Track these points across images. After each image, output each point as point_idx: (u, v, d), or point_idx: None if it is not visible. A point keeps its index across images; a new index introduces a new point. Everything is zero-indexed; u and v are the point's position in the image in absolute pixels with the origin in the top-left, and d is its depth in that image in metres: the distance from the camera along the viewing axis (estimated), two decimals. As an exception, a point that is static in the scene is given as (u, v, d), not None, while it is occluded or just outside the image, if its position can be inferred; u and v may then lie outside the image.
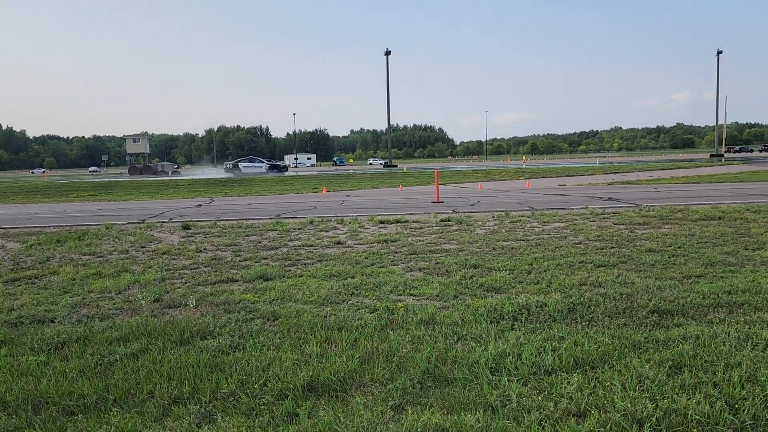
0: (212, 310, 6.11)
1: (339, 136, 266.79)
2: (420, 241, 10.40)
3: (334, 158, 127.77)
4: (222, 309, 6.15)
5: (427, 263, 8.30)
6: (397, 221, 13.32)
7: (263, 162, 70.71)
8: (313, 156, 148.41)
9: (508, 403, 3.67)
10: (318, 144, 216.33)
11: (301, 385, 4.04)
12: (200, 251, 9.98)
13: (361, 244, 10.27)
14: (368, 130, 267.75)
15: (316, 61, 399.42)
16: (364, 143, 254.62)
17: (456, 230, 11.61)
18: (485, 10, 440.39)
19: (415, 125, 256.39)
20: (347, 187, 31.38)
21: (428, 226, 12.34)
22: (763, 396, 3.58)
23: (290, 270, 8.16)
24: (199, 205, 21.36)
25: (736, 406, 3.47)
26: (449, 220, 12.96)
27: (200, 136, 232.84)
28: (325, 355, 4.62)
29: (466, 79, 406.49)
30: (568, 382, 3.91)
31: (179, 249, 10.24)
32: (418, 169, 63.99)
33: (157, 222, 15.16)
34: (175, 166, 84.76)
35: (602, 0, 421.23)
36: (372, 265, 8.32)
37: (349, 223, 13.30)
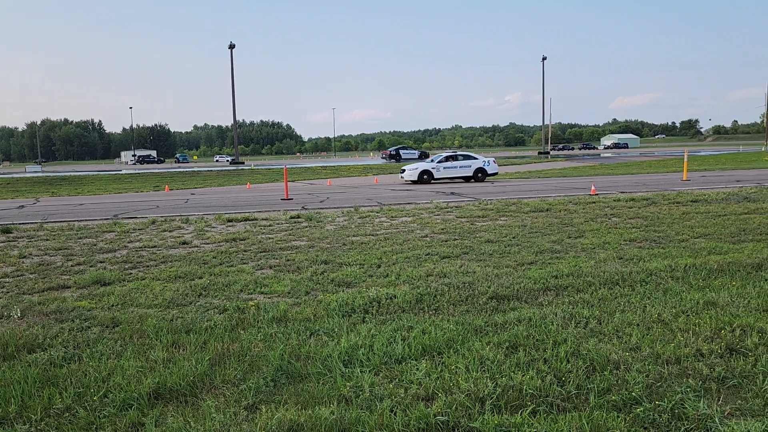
0: (41, 320, 5.57)
1: (182, 132, 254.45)
2: (270, 238, 10.27)
3: (177, 155, 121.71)
4: (53, 318, 5.63)
5: (277, 260, 8.22)
6: (246, 219, 13.03)
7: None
8: (154, 152, 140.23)
9: (361, 393, 3.75)
10: (158, 140, 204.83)
11: (147, 393, 3.83)
12: (24, 257, 9.03)
13: (208, 244, 9.91)
14: (213, 126, 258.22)
15: (154, 53, 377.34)
16: (209, 139, 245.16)
17: (306, 227, 11.61)
18: (334, 8, 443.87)
19: (262, 121, 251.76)
20: (192, 185, 30.09)
21: (278, 224, 12.21)
22: (585, 368, 4.00)
23: (131, 273, 7.66)
24: (22, 207, 19.33)
25: (563, 379, 3.84)
26: (299, 217, 12.93)
27: (20, 130, 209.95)
28: (173, 360, 4.40)
29: (315, 76, 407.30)
30: (417, 368, 4.09)
31: (-1, 255, 9.19)
32: (266, 166, 62.97)
33: (-30, 225, 13.46)
34: None
35: (443, 8, 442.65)
36: (220, 264, 8.07)
37: (195, 222, 12.77)
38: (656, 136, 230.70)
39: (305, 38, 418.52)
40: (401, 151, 70.90)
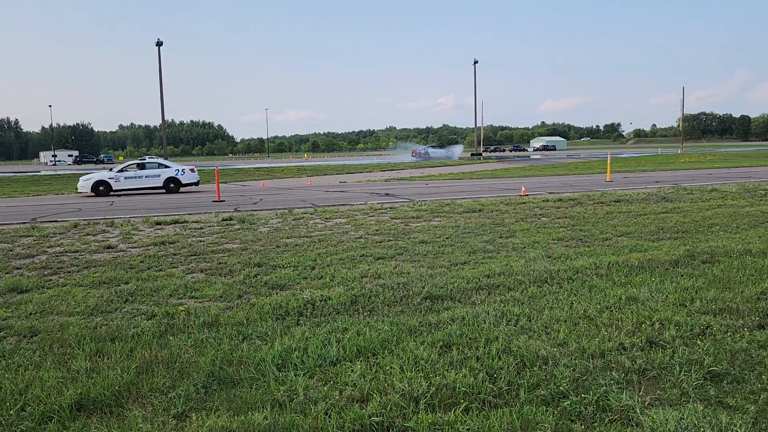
0: (-50, 332, 5.21)
1: (106, 132, 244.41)
2: (201, 241, 10.02)
3: (102, 156, 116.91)
4: (-36, 329, 5.28)
5: (209, 264, 8.02)
6: (176, 222, 12.67)
7: None
8: (75, 153, 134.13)
9: (295, 397, 3.71)
10: (81, 140, 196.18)
11: (69, 405, 3.65)
12: (-68, 263, 8.45)
13: (135, 248, 9.57)
14: (140, 126, 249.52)
15: (76, 47, 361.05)
16: (136, 139, 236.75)
17: (239, 229, 11.40)
18: (266, 7, 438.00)
19: (192, 121, 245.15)
20: (118, 187, 28.90)
21: (209, 226, 11.93)
22: (516, 364, 4.10)
23: (51, 280, 7.30)
24: (-70, 210, 18.08)
25: (495, 376, 3.92)
26: (231, 219, 12.68)
27: None
28: (96, 369, 4.22)
29: (247, 76, 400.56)
30: (352, 370, 4.08)
31: None
32: (197, 168, 61.49)
33: None
34: None
35: (377, 9, 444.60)
36: (148, 269, 7.80)
37: (121, 225, 12.30)
38: (582, 139, 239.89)
39: (237, 37, 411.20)
40: (430, 150, 73.95)
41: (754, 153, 60.82)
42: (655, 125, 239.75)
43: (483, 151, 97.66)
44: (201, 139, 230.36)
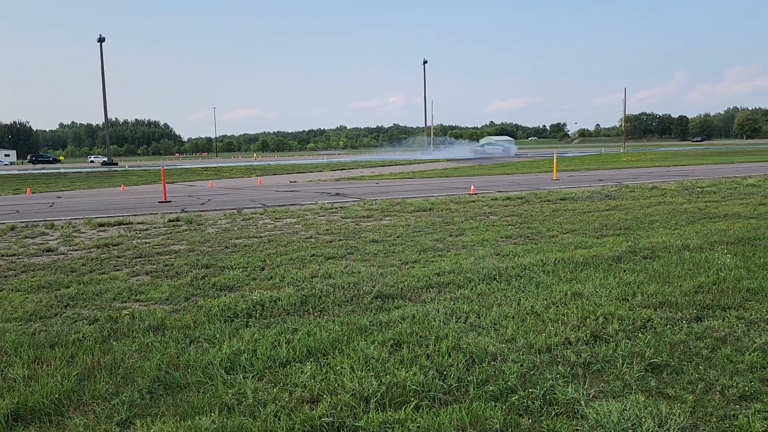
0: None
1: (46, 131, 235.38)
2: (146, 243, 9.75)
3: (42, 154, 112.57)
4: None
5: (154, 266, 7.82)
6: (120, 223, 12.30)
7: None
8: (13, 153, 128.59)
9: (244, 400, 3.65)
10: (18, 138, 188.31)
11: (4, 415, 3.49)
12: None
13: (76, 250, 9.24)
14: (82, 125, 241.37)
15: (12, 41, 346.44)
16: (78, 138, 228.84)
17: (186, 230, 11.15)
18: (214, 3, 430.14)
19: (137, 120, 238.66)
20: (58, 188, 27.94)
21: (155, 227, 11.63)
22: (465, 361, 4.14)
23: (-14, 284, 6.97)
24: None
25: (445, 373, 3.96)
26: (178, 220, 12.39)
27: None
28: (35, 377, 4.05)
29: (194, 74, 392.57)
30: (302, 371, 4.04)
31: None
32: (142, 167, 59.90)
33: None
34: None
35: (328, 7, 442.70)
36: (91, 272, 7.54)
37: (62, 227, 11.86)
38: (529, 138, 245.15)
39: (184, 33, 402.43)
40: (486, 147, 76.25)
41: (692, 152, 63.37)
42: (599, 125, 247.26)
43: (434, 150, 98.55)
44: (147, 139, 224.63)
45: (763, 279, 6.08)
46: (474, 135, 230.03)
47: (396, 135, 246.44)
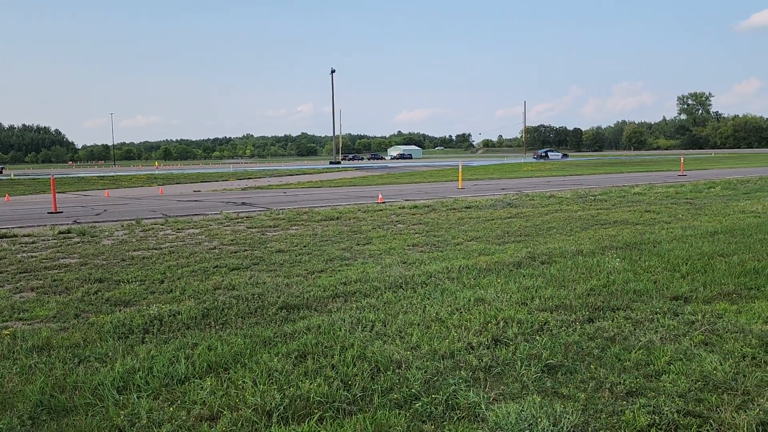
0: None
1: None
2: (33, 257, 9.10)
3: None
4: None
5: (41, 281, 7.30)
6: (4, 236, 11.41)
7: None
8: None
9: (137, 421, 3.45)
10: None
11: None
12: None
13: (-48, 266, 8.46)
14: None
15: None
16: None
17: (78, 242, 10.51)
18: (110, 4, 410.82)
19: (25, 125, 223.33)
20: (-67, 198, 25.57)
21: (44, 240, 10.88)
22: (370, 370, 4.13)
23: None
24: None
25: (349, 383, 3.93)
26: (70, 232, 11.66)
27: None
28: None
29: (90, 78, 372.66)
30: (202, 387, 3.88)
31: None
32: (30, 176, 56.04)
33: None
34: None
35: (233, 13, 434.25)
36: (-33, 289, 6.93)
37: (-65, 241, 10.84)
38: (436, 148, 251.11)
39: (76, 34, 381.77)
40: (549, 153, 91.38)
41: (585, 162, 67.12)
42: (501, 136, 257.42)
43: (342, 159, 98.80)
44: (36, 146, 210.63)
45: (647, 281, 6.50)
46: (382, 144, 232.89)
47: (304, 144, 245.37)
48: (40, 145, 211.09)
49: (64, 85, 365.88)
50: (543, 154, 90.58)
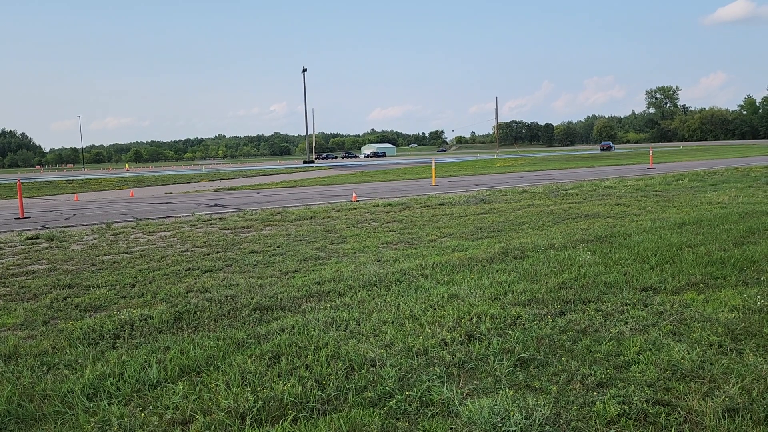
0: None
1: None
2: None
3: None
4: None
5: (8, 289, 7.15)
6: (-31, 243, 11.13)
7: None
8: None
9: (108, 428, 3.40)
10: None
11: None
12: None
13: None
14: None
15: None
16: None
17: (47, 248, 10.31)
18: (78, 3, 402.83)
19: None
20: None
21: (10, 246, 10.65)
22: (345, 369, 4.13)
23: None
24: None
25: (324, 383, 3.92)
26: (38, 237, 11.43)
27: None
28: None
29: (58, 79, 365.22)
30: (174, 391, 3.84)
31: None
32: (-2, 181, 54.77)
33: None
34: None
35: (203, 12, 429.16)
36: (-69, 298, 6.75)
37: None
38: (410, 146, 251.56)
39: (43, 34, 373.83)
40: (613, 145, 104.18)
41: (557, 157, 67.84)
42: (474, 132, 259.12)
43: (315, 158, 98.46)
44: (1, 150, 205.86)
45: (617, 273, 6.60)
46: (356, 142, 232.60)
47: (278, 144, 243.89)
48: (5, 150, 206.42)
49: (30, 87, 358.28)
50: (606, 146, 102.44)
